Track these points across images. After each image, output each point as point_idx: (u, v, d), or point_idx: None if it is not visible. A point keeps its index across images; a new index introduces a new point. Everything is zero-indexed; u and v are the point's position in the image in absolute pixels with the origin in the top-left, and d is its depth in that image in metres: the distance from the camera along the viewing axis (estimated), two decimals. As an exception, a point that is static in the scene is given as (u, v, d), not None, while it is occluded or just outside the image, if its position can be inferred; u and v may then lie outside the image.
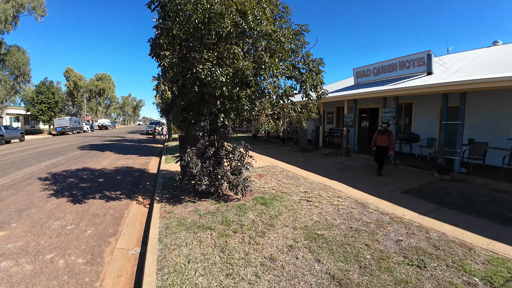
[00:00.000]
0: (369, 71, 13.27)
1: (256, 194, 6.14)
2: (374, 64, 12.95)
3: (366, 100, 13.08)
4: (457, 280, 3.02)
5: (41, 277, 3.48)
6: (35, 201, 6.40)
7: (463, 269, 3.23)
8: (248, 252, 3.64)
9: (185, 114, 5.79)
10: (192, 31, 5.21)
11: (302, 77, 5.55)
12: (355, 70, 14.19)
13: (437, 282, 3.00)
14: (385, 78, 12.32)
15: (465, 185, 6.89)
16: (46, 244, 4.33)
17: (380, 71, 12.60)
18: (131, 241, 4.56)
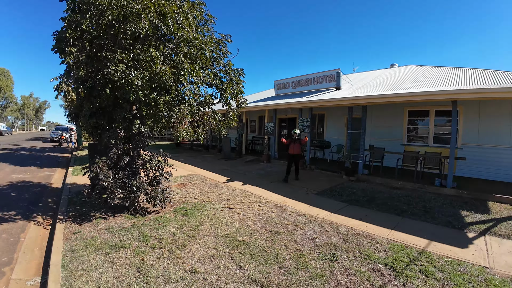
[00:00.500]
0: (288, 84, 14.28)
1: (177, 205, 5.86)
2: (293, 78, 14.01)
3: (285, 110, 14.03)
4: (364, 268, 3.42)
5: None
6: None
7: (368, 257, 3.68)
8: (168, 268, 3.43)
9: (95, 119, 5.19)
10: (105, 28, 4.74)
11: (223, 86, 5.61)
12: (276, 82, 15.09)
13: (348, 272, 3.34)
14: (302, 91, 13.43)
15: (368, 185, 7.93)
16: None
17: (298, 84, 13.69)
18: (29, 269, 3.81)
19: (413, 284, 3.13)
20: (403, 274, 3.31)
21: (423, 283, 3.14)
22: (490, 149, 8.28)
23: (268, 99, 14.71)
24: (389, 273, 3.35)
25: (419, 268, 3.45)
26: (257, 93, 20.60)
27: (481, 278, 3.25)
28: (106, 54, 4.53)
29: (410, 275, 3.28)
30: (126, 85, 4.28)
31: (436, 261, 3.63)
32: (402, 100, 8.01)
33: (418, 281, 3.17)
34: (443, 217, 5.28)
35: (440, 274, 3.31)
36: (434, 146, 9.33)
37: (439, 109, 9.25)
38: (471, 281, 3.17)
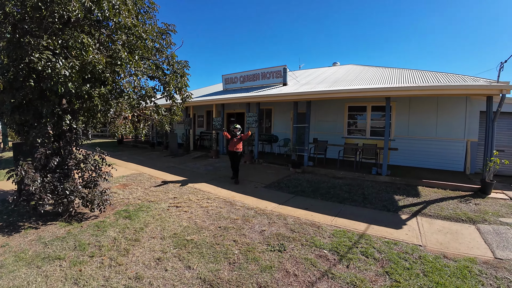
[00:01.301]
0: (236, 79, 14.21)
1: (118, 208, 5.43)
2: (241, 73, 13.98)
3: (233, 105, 13.98)
4: (311, 255, 3.58)
5: None
6: None
7: (314, 245, 3.86)
8: (109, 277, 3.15)
9: (20, 115, 4.50)
10: (30, 11, 4.10)
11: (166, 79, 5.31)
12: (224, 77, 14.90)
13: (296, 260, 3.46)
14: (250, 86, 13.49)
15: (313, 176, 8.33)
16: None
17: (246, 79, 13.71)
18: None
19: (355, 265, 3.37)
20: (346, 257, 3.55)
21: (364, 264, 3.40)
22: (419, 140, 9.37)
23: (216, 94, 14.49)
24: (334, 257, 3.56)
25: (360, 250, 3.74)
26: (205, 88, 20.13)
27: (416, 255, 3.64)
28: (29, 39, 3.93)
29: (352, 257, 3.53)
30: (53, 75, 3.76)
31: (375, 242, 3.97)
32: (343, 96, 8.57)
33: (359, 263, 3.43)
34: (379, 202, 5.81)
35: (379, 254, 3.63)
36: (371, 138, 10.20)
37: (375, 105, 10.14)
38: (407, 259, 3.53)
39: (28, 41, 3.97)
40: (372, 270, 3.29)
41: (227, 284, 3.00)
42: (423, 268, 3.33)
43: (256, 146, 11.04)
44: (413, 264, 3.41)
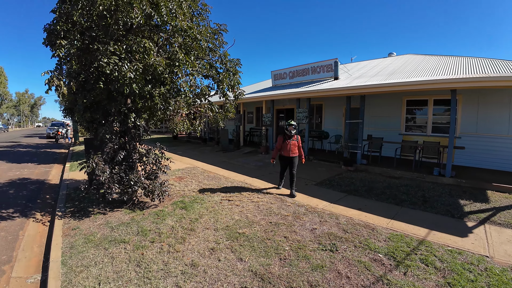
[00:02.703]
0: (285, 74, 14.13)
1: (175, 198, 5.83)
2: (290, 68, 13.86)
3: (283, 101, 13.92)
4: (364, 258, 3.40)
5: None
6: None
7: (369, 247, 3.67)
8: (168, 262, 3.40)
9: (90, 114, 5.09)
10: (96, 19, 4.60)
11: (219, 77, 5.49)
12: (273, 73, 14.93)
13: (348, 262, 3.33)
14: (299, 81, 13.30)
15: (367, 174, 7.92)
16: None
17: (295, 75, 13.55)
18: (29, 267, 3.78)
19: (413, 273, 3.12)
20: (403, 263, 3.31)
21: (423, 272, 3.13)
22: (489, 138, 8.26)
23: (266, 90, 14.59)
24: (390, 262, 3.34)
25: (419, 257, 3.45)
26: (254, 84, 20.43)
27: (482, 267, 3.24)
28: (98, 46, 4.40)
29: (410, 264, 3.28)
30: (120, 77, 4.17)
31: (436, 250, 3.63)
32: (400, 89, 7.94)
33: (418, 270, 3.17)
34: (442, 206, 5.28)
35: (441, 263, 3.31)
36: (432, 135, 9.31)
37: (438, 98, 9.20)
38: (472, 270, 3.16)
39: (96, 47, 4.44)
40: (433, 280, 3.01)
41: (277, 279, 3.02)
42: (489, 281, 2.96)
43: (306, 143, 10.86)
44: (478, 277, 3.04)
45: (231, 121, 16.41)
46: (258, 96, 13.12)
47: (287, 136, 5.99)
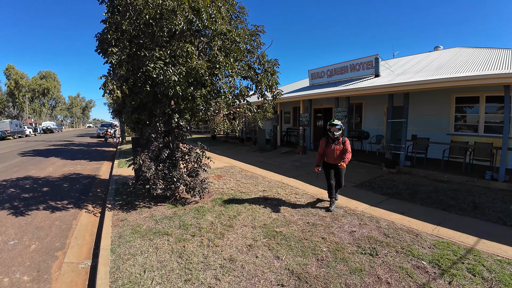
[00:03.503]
0: (323, 73, 13.87)
1: (214, 196, 6.04)
2: (328, 66, 13.57)
3: (321, 100, 13.68)
4: (406, 265, 3.25)
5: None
6: (-33, 216, 5.58)
7: (411, 254, 3.49)
8: (207, 255, 3.55)
9: (137, 115, 5.48)
10: (143, 27, 4.95)
11: (258, 77, 5.58)
12: (310, 72, 14.73)
13: (389, 267, 3.20)
14: (337, 79, 12.97)
15: (410, 177, 7.50)
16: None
17: (333, 73, 13.24)
18: (80, 254, 4.18)
19: (459, 283, 2.91)
20: (448, 272, 3.10)
21: (470, 282, 2.91)
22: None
23: (303, 89, 14.44)
24: (434, 270, 3.15)
25: (466, 266, 3.20)
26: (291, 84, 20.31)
27: (534, 279, 2.93)
28: (145, 53, 4.73)
29: (456, 273, 3.06)
30: (165, 81, 4.45)
31: (485, 259, 3.34)
32: (448, 85, 7.39)
33: (464, 280, 2.95)
34: (493, 213, 4.84)
35: (489, 274, 3.05)
36: (484, 135, 8.53)
37: (490, 95, 8.41)
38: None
39: (144, 53, 4.76)
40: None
41: (314, 280, 3.00)
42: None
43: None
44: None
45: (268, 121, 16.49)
46: (295, 95, 13.04)
47: (331, 139, 5.08)
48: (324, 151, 5.18)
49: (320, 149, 5.22)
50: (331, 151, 5.06)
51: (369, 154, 10.81)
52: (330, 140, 5.08)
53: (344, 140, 5.08)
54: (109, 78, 4.60)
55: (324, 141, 5.18)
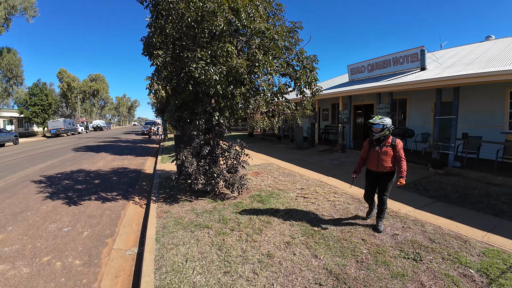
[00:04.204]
0: (363, 68, 13.33)
1: (252, 192, 6.15)
2: (368, 61, 13.00)
3: (361, 96, 13.16)
4: (453, 272, 3.06)
5: (38, 279, 3.45)
6: (30, 204, 6.33)
7: (458, 261, 3.27)
8: (246, 250, 3.65)
9: (180, 113, 5.76)
10: (185, 30, 5.19)
11: (296, 74, 5.55)
12: (350, 67, 14.24)
13: (433, 274, 3.03)
14: (379, 74, 12.38)
15: (460, 179, 6.96)
16: (43, 246, 4.29)
17: (374, 68, 12.66)
18: (128, 241, 4.54)
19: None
20: (497, 282, 2.86)
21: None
22: None
23: (342, 85, 14.02)
24: (481, 279, 2.92)
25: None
26: (329, 80, 19.82)
27: None
28: (187, 54, 4.95)
29: (504, 283, 2.82)
30: (206, 80, 4.63)
31: (541, 270, 3.02)
32: (503, 79, 6.67)
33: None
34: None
35: None
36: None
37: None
38: None
39: (186, 55, 4.98)
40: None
41: (353, 281, 2.94)
42: None
43: (387, 141, 10.08)
44: None
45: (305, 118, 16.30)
46: (334, 92, 12.69)
47: (374, 140, 4.15)
48: (366, 155, 4.30)
49: (363, 152, 4.34)
50: (374, 155, 4.13)
51: (414, 154, 10.18)
52: (374, 141, 4.18)
53: (394, 142, 4.03)
54: (154, 79, 4.90)
55: (367, 143, 4.29)
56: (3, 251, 4.15)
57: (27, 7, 26.16)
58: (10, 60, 26.88)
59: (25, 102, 34.03)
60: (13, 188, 7.80)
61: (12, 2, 24.52)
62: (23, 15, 26.44)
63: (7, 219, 5.42)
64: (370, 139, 4.24)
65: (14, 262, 3.84)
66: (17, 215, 5.62)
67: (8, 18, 25.17)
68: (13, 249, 4.21)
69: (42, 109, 34.80)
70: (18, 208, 6.02)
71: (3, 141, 22.66)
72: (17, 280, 3.42)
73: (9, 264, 3.79)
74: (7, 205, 6.28)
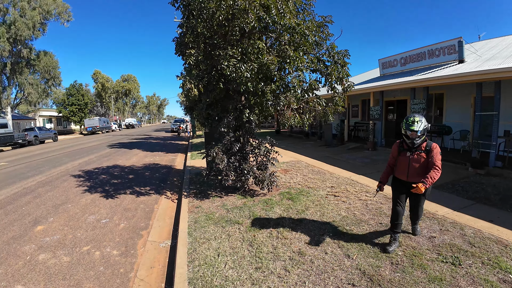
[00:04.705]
0: (396, 61, 12.79)
1: (282, 189, 6.14)
2: (401, 54, 12.45)
3: (393, 91, 12.63)
4: (492, 278, 2.89)
5: (78, 268, 3.69)
6: (70, 196, 6.78)
7: (499, 266, 3.08)
8: (277, 246, 3.66)
9: (210, 111, 5.88)
10: (216, 28, 5.26)
11: (327, 70, 5.43)
12: (381, 61, 13.72)
13: (472, 279, 2.87)
14: (413, 68, 11.83)
15: (502, 180, 6.49)
16: (82, 236, 4.59)
17: (408, 61, 12.09)
18: (162, 234, 4.73)
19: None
20: None
21: None
22: None
23: (372, 81, 13.55)
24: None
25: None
26: (359, 75, 19.24)
27: None
28: (219, 52, 5.03)
29: None
30: (237, 78, 4.68)
31: None
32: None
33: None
34: None
35: None
36: None
37: None
38: None
39: (218, 53, 5.05)
40: None
41: (388, 284, 2.85)
42: None
43: (422, 139, 9.58)
44: None
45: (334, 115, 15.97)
46: (365, 87, 12.26)
47: (406, 145, 3.48)
48: (395, 161, 3.61)
49: (391, 158, 3.66)
50: (405, 161, 3.45)
51: (452, 152, 9.63)
52: (405, 145, 3.48)
53: (430, 147, 3.33)
54: (187, 78, 5.03)
55: (396, 147, 3.58)
56: (44, 240, 4.48)
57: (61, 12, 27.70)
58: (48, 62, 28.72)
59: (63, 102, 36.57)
60: (54, 181, 8.40)
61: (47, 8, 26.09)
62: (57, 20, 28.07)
63: (48, 210, 5.84)
64: (400, 143, 3.56)
65: (55, 251, 4.13)
66: (58, 207, 6.05)
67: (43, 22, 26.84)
68: (54, 239, 4.53)
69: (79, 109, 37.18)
70: (59, 201, 6.48)
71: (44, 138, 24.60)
72: (58, 268, 3.67)
73: (50, 253, 4.08)
74: (49, 197, 6.77)
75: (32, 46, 27.33)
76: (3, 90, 25.36)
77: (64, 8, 28.02)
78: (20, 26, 23.68)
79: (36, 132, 23.30)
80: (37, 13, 25.27)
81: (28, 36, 25.02)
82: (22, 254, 4.07)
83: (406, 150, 3.47)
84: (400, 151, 3.54)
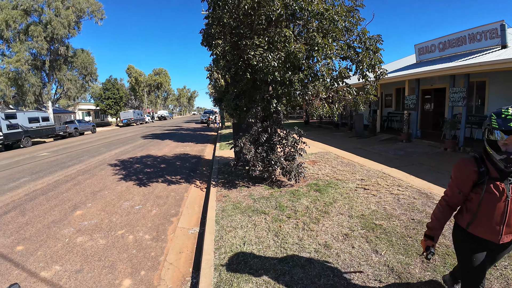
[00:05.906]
0: (433, 47, 11.92)
1: (309, 181, 6.04)
2: (439, 38, 11.56)
3: (430, 79, 11.82)
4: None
5: (112, 250, 3.93)
6: (107, 184, 7.21)
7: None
8: (302, 238, 3.62)
9: (237, 102, 5.89)
10: (242, 18, 5.21)
11: (358, 57, 5.17)
12: (417, 46, 12.87)
13: (506, 282, 2.65)
14: (452, 53, 10.96)
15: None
16: (118, 221, 4.87)
17: (447, 46, 11.22)
18: (190, 221, 4.88)
19: None
20: None
21: None
22: None
23: (407, 68, 12.78)
24: None
25: None
26: (392, 62, 18.25)
27: None
28: (245, 42, 4.98)
29: None
30: (264, 67, 4.61)
31: None
32: None
33: None
34: None
35: None
36: None
37: None
38: None
39: (244, 43, 5.01)
40: None
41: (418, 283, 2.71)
42: None
43: (462, 130, 8.88)
44: None
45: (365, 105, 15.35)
46: (399, 75, 11.56)
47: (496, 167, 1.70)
48: (463, 199, 1.93)
49: (453, 189, 1.95)
50: (495, 202, 1.70)
51: (495, 144, 8.85)
52: (493, 168, 1.72)
53: None
54: (214, 69, 5.06)
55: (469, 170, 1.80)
56: (82, 224, 4.81)
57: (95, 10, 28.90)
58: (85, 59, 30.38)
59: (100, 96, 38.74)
60: (92, 170, 8.96)
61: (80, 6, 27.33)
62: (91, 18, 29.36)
63: (87, 197, 6.25)
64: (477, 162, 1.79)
65: (92, 234, 4.42)
66: (96, 193, 6.45)
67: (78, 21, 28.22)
68: (92, 223, 4.85)
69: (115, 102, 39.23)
70: (96, 188, 6.91)
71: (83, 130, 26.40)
72: (94, 250, 3.93)
73: (88, 236, 4.38)
74: (87, 185, 7.24)
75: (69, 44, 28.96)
76: (43, 86, 27.21)
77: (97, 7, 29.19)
78: (56, 25, 25.03)
79: (76, 125, 25.02)
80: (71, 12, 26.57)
81: (64, 35, 26.41)
82: (61, 236, 4.40)
83: (496, 179, 1.70)
84: (480, 181, 1.75)
